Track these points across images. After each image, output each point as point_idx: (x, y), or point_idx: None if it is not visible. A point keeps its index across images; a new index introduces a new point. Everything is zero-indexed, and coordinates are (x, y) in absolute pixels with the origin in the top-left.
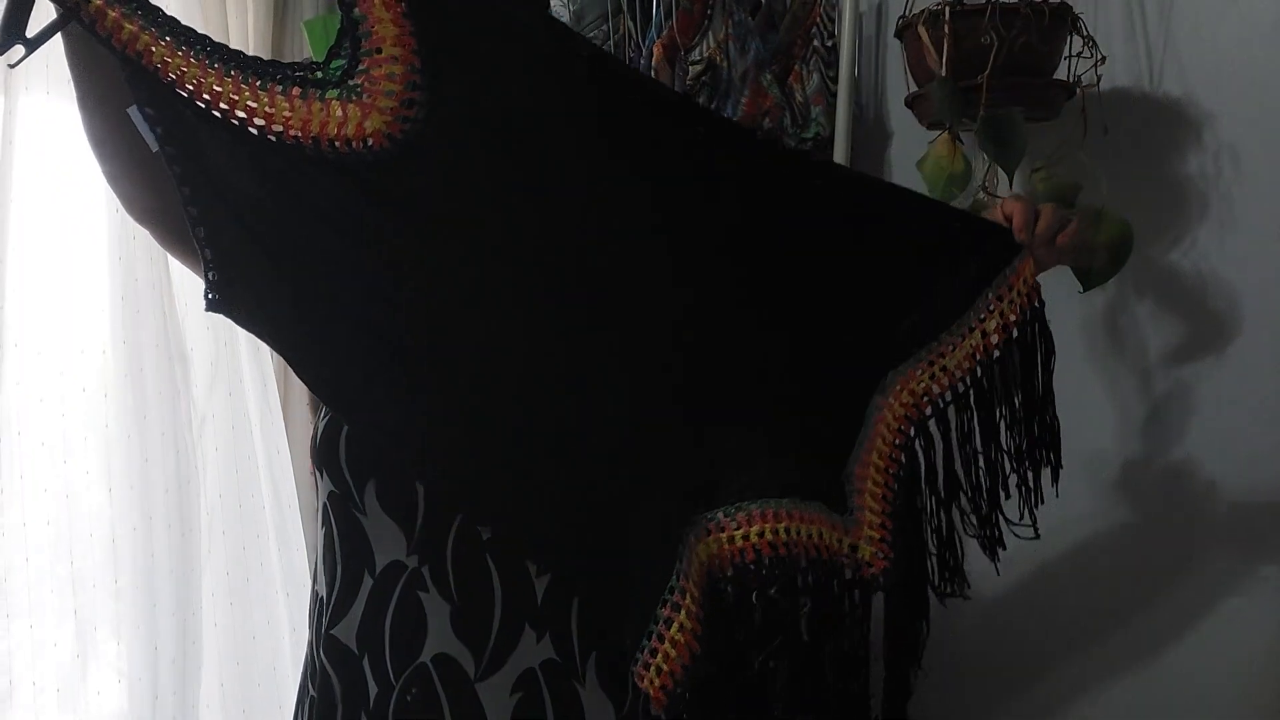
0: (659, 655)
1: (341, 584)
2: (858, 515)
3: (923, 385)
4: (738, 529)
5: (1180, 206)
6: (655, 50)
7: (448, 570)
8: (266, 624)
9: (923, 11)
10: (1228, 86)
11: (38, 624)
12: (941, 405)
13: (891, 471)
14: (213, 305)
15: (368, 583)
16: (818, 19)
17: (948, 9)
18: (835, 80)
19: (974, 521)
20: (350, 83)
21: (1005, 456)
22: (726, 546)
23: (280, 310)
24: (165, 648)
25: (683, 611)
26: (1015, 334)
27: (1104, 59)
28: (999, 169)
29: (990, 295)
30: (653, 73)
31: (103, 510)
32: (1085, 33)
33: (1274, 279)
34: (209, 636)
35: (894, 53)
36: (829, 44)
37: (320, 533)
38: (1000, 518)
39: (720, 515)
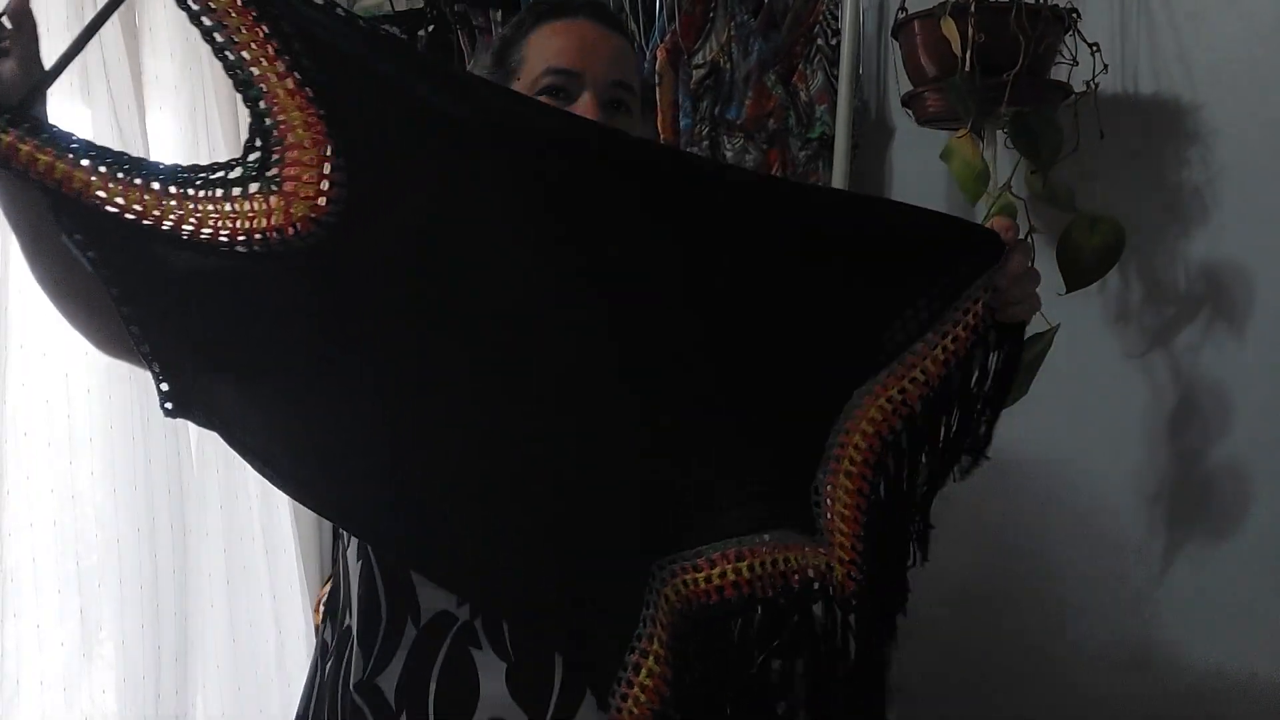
0: (629, 700)
1: (386, 630)
2: (828, 537)
3: (892, 403)
4: (699, 572)
5: (1178, 208)
6: (659, 54)
7: (503, 624)
8: (249, 626)
9: (944, 4)
10: (1228, 87)
11: (44, 623)
12: (914, 416)
13: (864, 493)
14: (171, 413)
15: (410, 633)
16: (820, 17)
17: (973, 3)
18: (839, 79)
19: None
20: (268, 174)
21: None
22: (693, 589)
23: (236, 411)
24: (167, 647)
25: (650, 657)
26: (983, 334)
27: (1106, 67)
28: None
29: (969, 298)
30: (656, 77)
31: (107, 511)
32: (1090, 40)
33: (1274, 279)
34: (207, 637)
35: (894, 51)
36: (833, 42)
37: (356, 565)
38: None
39: (685, 560)
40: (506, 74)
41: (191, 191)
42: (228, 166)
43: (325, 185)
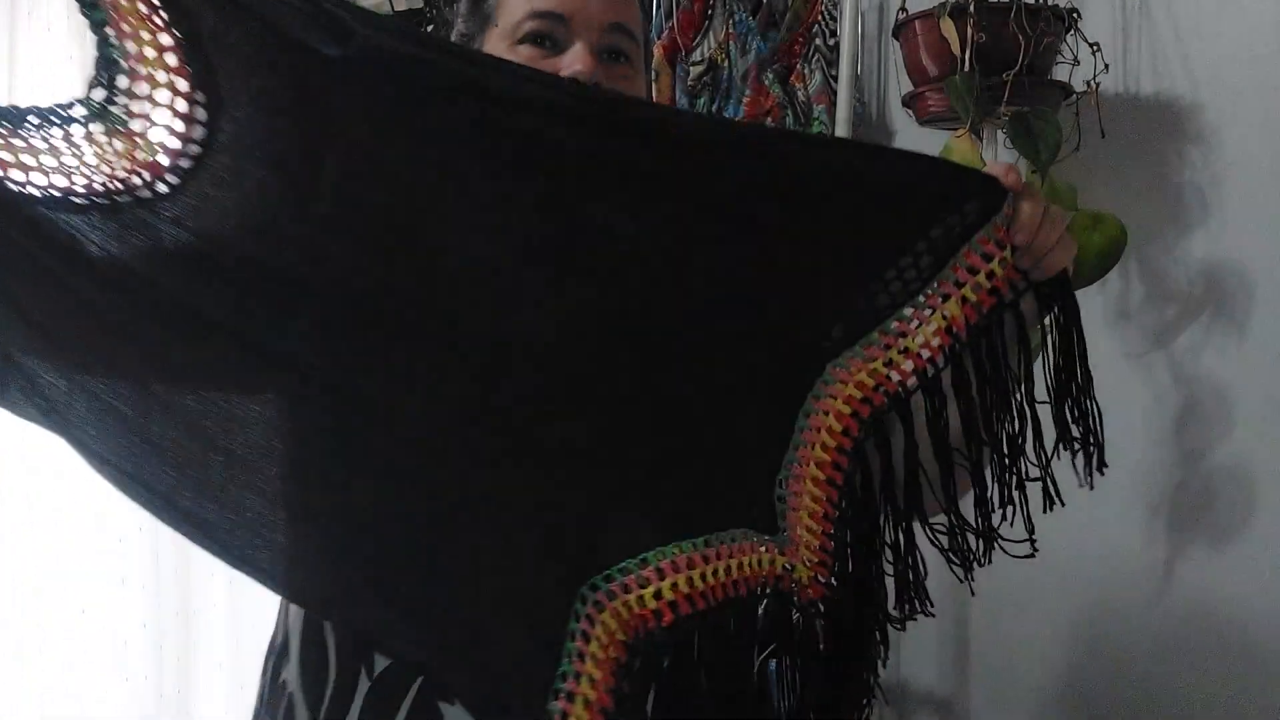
0: None
1: (336, 683)
2: (791, 535)
3: (875, 378)
4: (644, 588)
5: (1179, 208)
6: (656, 52)
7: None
8: (251, 626)
9: (943, 4)
10: (1228, 86)
11: (45, 623)
12: (904, 394)
13: (836, 483)
14: None
15: (363, 685)
16: (819, 17)
17: (973, 3)
18: (838, 79)
19: (941, 535)
20: (113, 112)
21: (995, 450)
22: (638, 611)
23: (63, 397)
24: (169, 647)
25: (578, 701)
26: (1008, 297)
27: (1106, 67)
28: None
29: (974, 253)
30: (653, 74)
31: (110, 509)
32: (1090, 39)
33: (1276, 280)
34: (209, 637)
35: (896, 51)
36: (831, 42)
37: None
38: (987, 529)
39: (621, 575)
40: (482, 21)
41: (24, 133)
42: (68, 105)
43: (180, 125)
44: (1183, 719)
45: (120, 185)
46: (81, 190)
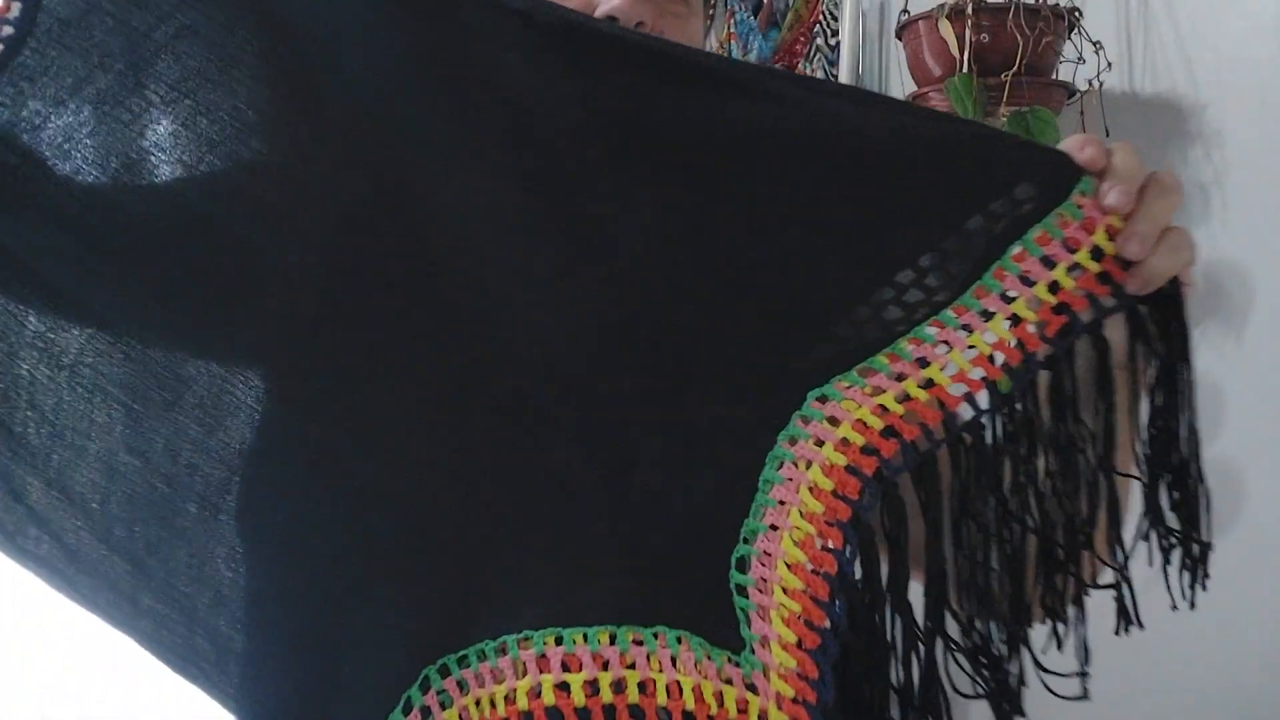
0: None
1: None
2: (759, 652)
3: (884, 419)
4: (499, 683)
5: (1181, 207)
6: None
7: None
8: None
9: (941, 5)
10: (1229, 86)
11: (44, 622)
12: (929, 445)
13: (825, 572)
14: None
15: None
16: (820, 17)
17: (971, 3)
18: (838, 78)
19: (979, 668)
20: None
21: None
22: (489, 715)
23: None
24: None
25: None
26: (1083, 318)
27: (1109, 65)
28: None
29: (1029, 256)
30: None
31: None
32: (1093, 39)
33: (1276, 279)
34: None
35: (897, 52)
36: (832, 42)
37: None
38: (1025, 653)
39: (480, 661)
40: None
41: None
42: None
43: None
44: (1176, 713)
45: None
46: None
